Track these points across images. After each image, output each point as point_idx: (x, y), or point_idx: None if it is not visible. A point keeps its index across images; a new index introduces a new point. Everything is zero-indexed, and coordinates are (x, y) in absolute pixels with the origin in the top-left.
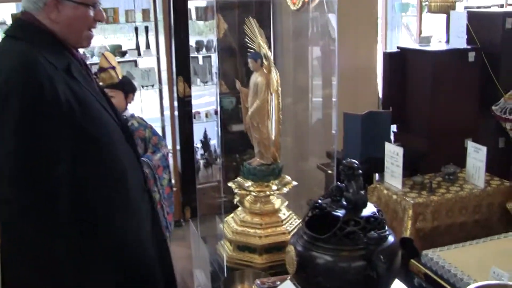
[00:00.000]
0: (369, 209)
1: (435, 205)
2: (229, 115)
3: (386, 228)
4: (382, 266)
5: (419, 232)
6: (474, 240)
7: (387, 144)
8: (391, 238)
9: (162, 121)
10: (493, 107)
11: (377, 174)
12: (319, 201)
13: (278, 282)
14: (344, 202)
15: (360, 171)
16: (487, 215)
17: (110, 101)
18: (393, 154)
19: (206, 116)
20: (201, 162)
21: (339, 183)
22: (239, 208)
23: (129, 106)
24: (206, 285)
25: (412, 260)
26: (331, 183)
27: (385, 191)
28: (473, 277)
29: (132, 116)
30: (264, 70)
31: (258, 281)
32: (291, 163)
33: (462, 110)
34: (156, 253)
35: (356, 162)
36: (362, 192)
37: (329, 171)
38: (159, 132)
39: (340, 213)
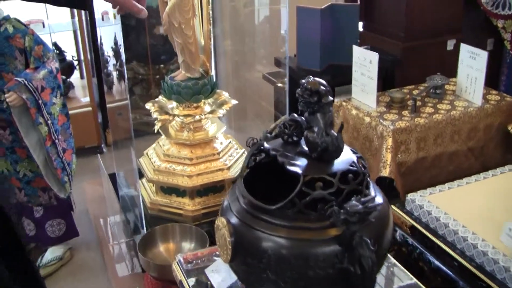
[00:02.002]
0: (344, 157)
1: (421, 130)
2: (149, 14)
3: (372, 187)
4: (369, 255)
5: (400, 167)
6: (472, 176)
7: (355, 48)
8: (380, 205)
9: (73, 24)
10: (482, 0)
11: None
12: (265, 144)
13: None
14: (305, 147)
15: (330, 97)
16: (483, 141)
17: None
18: (364, 61)
19: (115, 17)
20: (114, 74)
21: (295, 115)
22: (162, 137)
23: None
24: (121, 241)
25: (393, 207)
26: (281, 99)
27: (353, 111)
28: (480, 234)
29: (6, 18)
30: None
31: (180, 258)
32: (230, 74)
33: (444, 4)
34: None
35: (324, 82)
36: (334, 132)
37: (279, 84)
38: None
39: (298, 166)
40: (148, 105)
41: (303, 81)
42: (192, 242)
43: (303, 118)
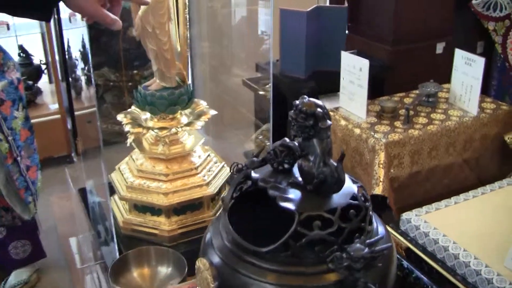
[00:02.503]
0: (343, 188)
1: (415, 143)
2: (122, 15)
3: (374, 221)
4: None
5: (393, 182)
6: (470, 192)
7: (344, 54)
8: (388, 247)
9: (41, 26)
10: (473, 2)
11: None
12: (253, 173)
13: None
14: (298, 177)
15: (328, 121)
16: (479, 152)
17: None
18: (353, 68)
19: (82, 19)
20: (83, 79)
21: (287, 139)
22: (135, 151)
23: None
24: (91, 263)
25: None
26: (262, 106)
27: (342, 122)
28: (482, 259)
29: None
30: None
31: None
32: (207, 79)
33: (434, 6)
34: None
35: (321, 104)
36: (334, 162)
37: (261, 91)
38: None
39: (292, 201)
40: (120, 117)
41: (297, 102)
42: (169, 267)
43: (296, 143)
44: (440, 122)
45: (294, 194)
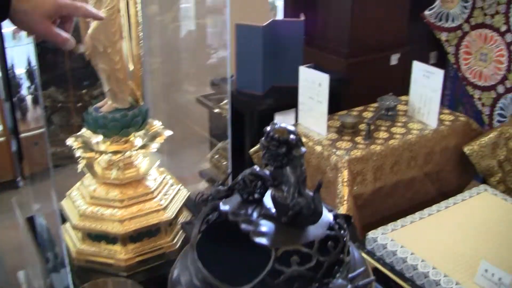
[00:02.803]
0: (320, 220)
1: (377, 159)
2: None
3: (352, 250)
4: None
5: (357, 199)
6: (434, 207)
7: (302, 70)
8: (371, 281)
9: None
10: (426, 13)
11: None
12: (221, 205)
13: None
14: (271, 208)
15: (302, 148)
16: (440, 165)
17: None
18: (313, 84)
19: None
20: (29, 98)
21: (257, 168)
22: (87, 176)
23: None
24: None
25: None
26: (217, 124)
27: (302, 139)
28: (452, 276)
29: None
30: None
31: None
32: (158, 98)
33: (389, 18)
34: None
35: (293, 130)
36: (309, 192)
37: (216, 109)
38: None
39: (266, 236)
40: (70, 141)
41: (268, 129)
42: None
43: (268, 172)
44: (401, 136)
45: (268, 227)
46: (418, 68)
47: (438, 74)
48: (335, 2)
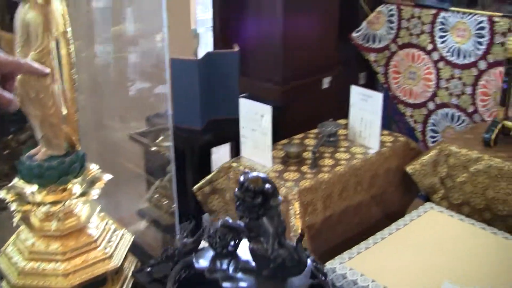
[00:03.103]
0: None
1: (326, 187)
2: None
3: None
4: None
5: (309, 230)
6: (385, 230)
7: (242, 102)
8: None
9: None
10: (354, 35)
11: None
12: (195, 262)
13: None
14: (250, 262)
15: (279, 197)
16: (384, 187)
17: None
18: (255, 115)
19: None
20: None
21: (229, 219)
22: (22, 229)
23: None
24: None
25: None
26: (154, 162)
27: None
28: None
29: None
30: None
31: None
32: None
33: (319, 43)
34: None
35: (268, 178)
36: (290, 242)
37: (153, 148)
38: None
39: None
40: (2, 194)
41: (241, 179)
42: None
43: (241, 223)
44: (347, 162)
45: (249, 282)
46: (356, 92)
47: (376, 97)
48: (265, 30)
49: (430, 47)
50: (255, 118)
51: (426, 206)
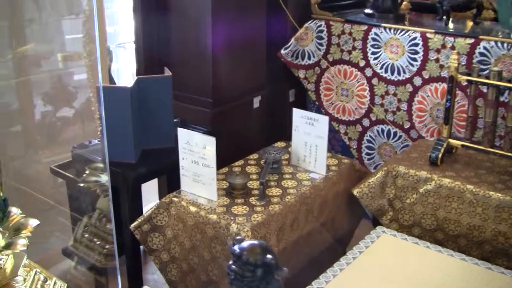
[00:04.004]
0: None
1: (278, 219)
2: None
3: None
4: None
5: None
6: (342, 260)
7: (181, 132)
8: None
9: None
10: (282, 52)
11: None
12: None
13: None
14: None
15: (284, 268)
16: (333, 212)
17: None
18: (196, 146)
19: None
20: None
21: None
22: None
23: None
24: None
25: None
26: (79, 198)
27: (191, 208)
28: None
29: None
30: None
31: None
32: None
33: (248, 63)
34: None
35: (267, 246)
36: None
37: (81, 183)
38: None
39: None
40: None
41: (236, 250)
42: None
43: None
44: (295, 191)
45: None
46: (299, 115)
47: (322, 121)
48: (194, 54)
49: (362, 63)
50: (196, 149)
51: (377, 231)
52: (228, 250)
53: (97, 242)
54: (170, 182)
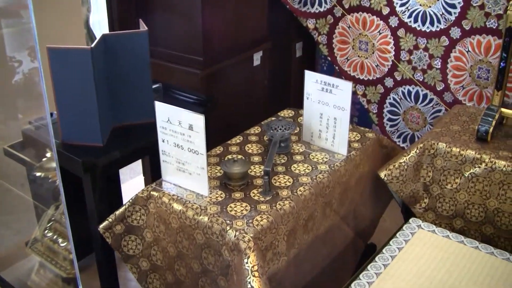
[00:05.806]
0: None
1: (288, 220)
2: None
3: None
4: None
5: (270, 283)
6: (377, 260)
7: (160, 106)
8: None
9: None
10: None
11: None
12: None
13: None
14: None
15: None
16: (355, 202)
17: None
18: (179, 126)
19: None
20: None
21: None
22: None
23: None
24: None
25: None
26: (43, 185)
27: (175, 206)
28: None
29: None
30: None
31: None
32: None
33: (246, 11)
34: None
35: None
36: None
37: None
38: None
39: None
40: None
41: None
42: None
43: None
44: (309, 179)
45: None
46: (312, 79)
47: (345, 87)
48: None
49: (386, 10)
50: (180, 130)
51: (412, 225)
52: (223, 263)
53: (62, 244)
54: (154, 165)
